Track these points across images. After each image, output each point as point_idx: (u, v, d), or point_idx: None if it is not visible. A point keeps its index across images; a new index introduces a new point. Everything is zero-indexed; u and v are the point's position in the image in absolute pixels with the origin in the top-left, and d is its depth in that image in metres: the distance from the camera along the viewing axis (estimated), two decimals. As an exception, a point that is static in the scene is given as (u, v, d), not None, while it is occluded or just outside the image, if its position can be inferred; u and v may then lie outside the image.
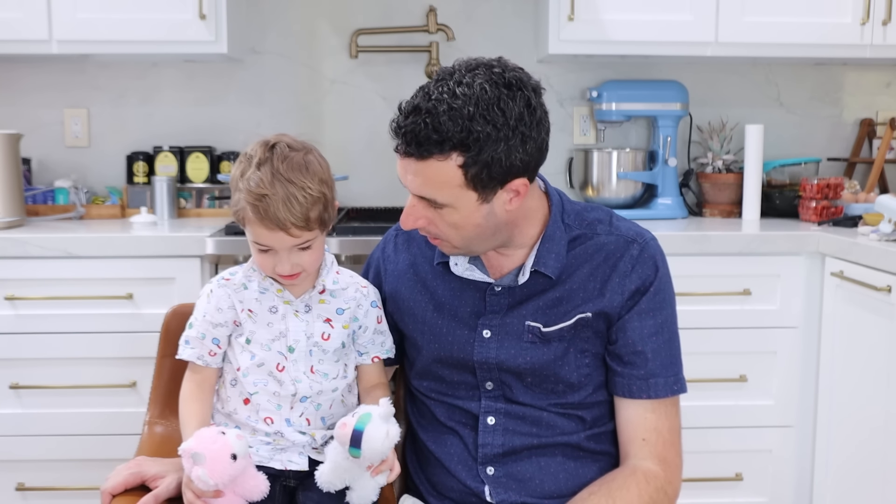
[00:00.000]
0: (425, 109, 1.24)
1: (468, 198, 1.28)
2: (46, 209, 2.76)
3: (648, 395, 1.39)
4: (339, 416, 1.44)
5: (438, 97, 1.24)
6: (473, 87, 1.24)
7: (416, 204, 1.33)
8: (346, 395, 1.46)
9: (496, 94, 1.24)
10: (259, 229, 1.33)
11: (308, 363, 1.41)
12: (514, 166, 1.27)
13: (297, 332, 1.40)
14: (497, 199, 1.31)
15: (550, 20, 2.61)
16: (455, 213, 1.30)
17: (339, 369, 1.44)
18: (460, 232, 1.33)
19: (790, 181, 2.90)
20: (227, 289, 1.41)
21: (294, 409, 1.40)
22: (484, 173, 1.26)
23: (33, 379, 2.33)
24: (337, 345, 1.43)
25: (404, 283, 1.50)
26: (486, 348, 1.41)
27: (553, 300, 1.40)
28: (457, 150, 1.24)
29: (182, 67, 2.90)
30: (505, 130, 1.24)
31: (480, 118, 1.23)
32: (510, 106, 1.24)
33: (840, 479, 2.33)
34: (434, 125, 1.23)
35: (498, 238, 1.38)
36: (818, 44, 2.64)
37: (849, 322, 2.28)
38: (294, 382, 1.39)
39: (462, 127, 1.22)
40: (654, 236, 1.44)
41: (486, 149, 1.24)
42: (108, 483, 1.37)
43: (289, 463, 1.40)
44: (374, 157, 2.92)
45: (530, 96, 1.27)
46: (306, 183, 1.31)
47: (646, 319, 1.39)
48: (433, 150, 1.24)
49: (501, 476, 1.42)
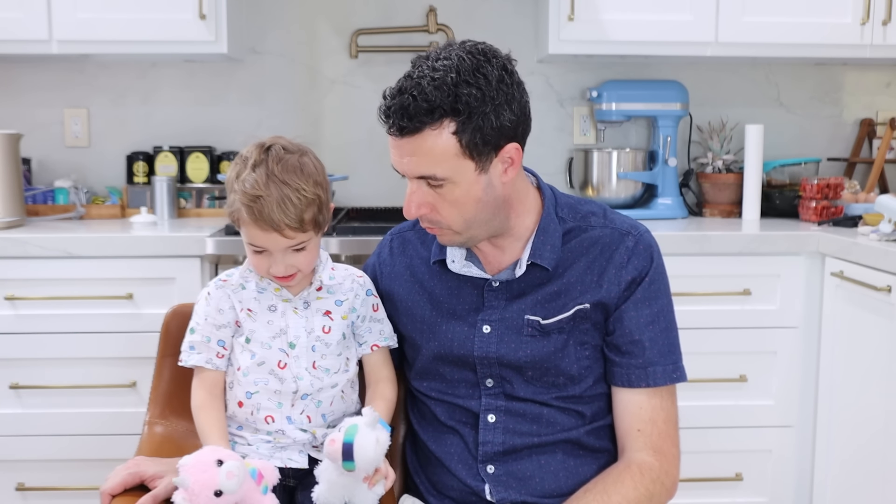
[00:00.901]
0: (409, 87, 1.28)
1: (466, 168, 1.30)
2: (46, 209, 2.76)
3: (647, 384, 1.40)
4: (340, 412, 1.45)
5: (420, 74, 1.28)
6: (451, 58, 1.28)
7: (417, 189, 1.34)
8: (346, 391, 1.46)
9: (474, 62, 1.28)
10: (253, 230, 1.33)
11: (310, 359, 1.41)
12: (505, 128, 1.30)
13: (298, 329, 1.41)
14: (493, 169, 1.33)
15: (550, 20, 2.61)
16: (455, 188, 1.31)
17: (340, 363, 1.44)
18: (462, 211, 1.34)
19: (790, 181, 2.90)
20: (225, 290, 1.42)
21: (295, 407, 1.41)
22: (478, 137, 1.28)
23: (33, 379, 2.34)
24: (338, 336, 1.43)
25: (401, 284, 1.51)
26: (487, 343, 1.42)
27: (551, 293, 1.41)
28: (448, 117, 1.27)
29: (182, 67, 2.90)
30: (489, 91, 1.27)
31: (464, 83, 1.26)
32: (489, 70, 1.28)
33: (840, 479, 2.33)
34: (422, 96, 1.26)
35: (496, 220, 1.38)
36: (818, 44, 2.64)
37: (849, 322, 2.28)
38: (295, 380, 1.39)
39: (449, 92, 1.26)
40: (647, 229, 1.46)
41: (476, 111, 1.27)
42: (107, 483, 1.37)
43: (289, 461, 1.40)
44: (374, 157, 2.92)
45: (504, 62, 1.32)
46: (301, 185, 1.32)
47: (642, 309, 1.40)
48: (425, 121, 1.27)
49: (502, 474, 1.42)
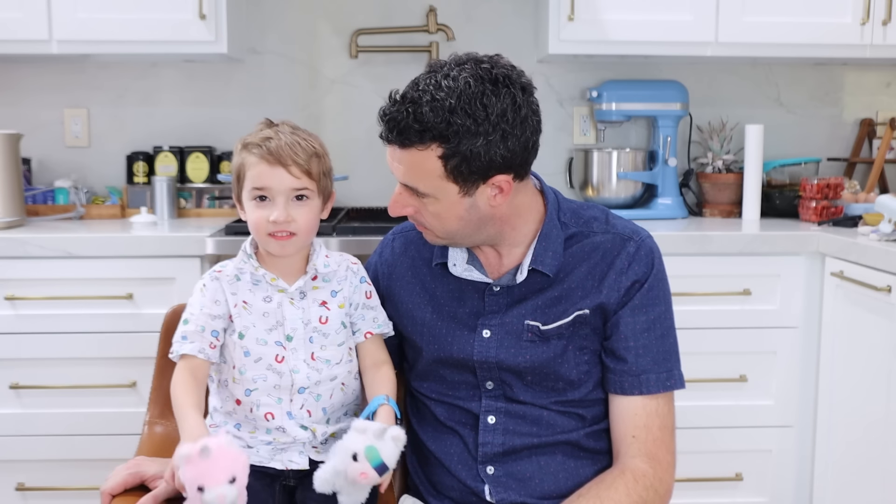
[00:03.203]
0: (410, 99, 1.27)
1: (449, 189, 1.31)
2: (46, 209, 2.76)
3: (640, 391, 1.39)
4: (340, 404, 1.43)
5: (424, 88, 1.27)
6: (458, 80, 1.26)
7: (402, 192, 1.35)
8: (347, 383, 1.44)
9: (480, 90, 1.26)
10: (260, 168, 1.35)
11: (308, 350, 1.40)
12: (495, 162, 1.29)
13: (294, 320, 1.39)
14: (480, 194, 1.32)
15: (550, 20, 2.61)
16: (437, 203, 1.32)
17: (342, 353, 1.42)
18: (443, 223, 1.35)
19: (790, 181, 2.90)
20: (219, 282, 1.41)
21: (294, 402, 1.39)
22: (463, 166, 1.28)
23: (33, 379, 2.34)
24: (337, 325, 1.42)
25: (402, 286, 1.51)
26: (486, 348, 1.42)
27: (552, 299, 1.40)
28: (436, 142, 1.26)
29: (182, 67, 2.90)
30: (485, 125, 1.26)
31: (461, 111, 1.25)
32: (493, 101, 1.26)
33: (840, 478, 2.33)
34: (416, 115, 1.26)
35: (485, 233, 1.38)
36: (818, 44, 2.64)
37: (849, 322, 2.28)
38: (292, 373, 1.38)
39: (442, 119, 1.25)
40: (649, 234, 1.45)
41: (465, 142, 1.26)
42: (108, 483, 1.37)
43: (289, 463, 1.40)
44: (374, 157, 2.92)
45: (516, 94, 1.28)
46: (310, 139, 1.38)
47: (638, 315, 1.40)
48: (414, 140, 1.27)
49: (501, 475, 1.42)
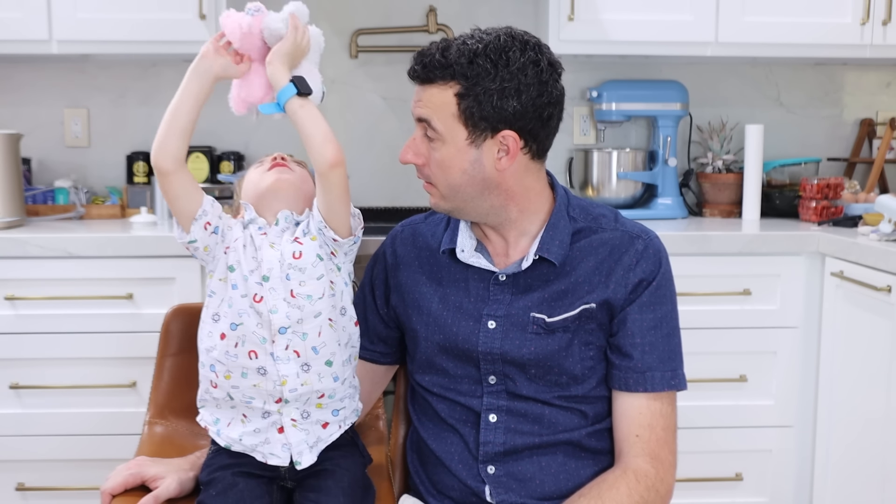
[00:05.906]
0: (444, 42, 1.36)
1: (458, 133, 1.35)
2: (46, 209, 2.76)
3: (645, 389, 1.40)
4: (333, 342, 1.38)
5: (460, 37, 1.37)
6: (492, 34, 1.36)
7: (417, 136, 1.40)
8: (334, 318, 1.39)
9: (509, 43, 1.34)
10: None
11: (287, 288, 1.35)
12: (505, 112, 1.34)
13: (271, 262, 1.36)
14: (486, 148, 1.36)
15: (550, 20, 2.61)
16: (444, 147, 1.36)
17: (323, 287, 1.37)
18: (447, 175, 1.38)
19: (790, 181, 2.90)
20: (229, 220, 1.42)
21: (277, 343, 1.35)
22: (475, 109, 1.33)
23: (33, 379, 2.33)
24: (313, 258, 1.38)
25: (409, 274, 1.51)
26: (492, 339, 1.42)
27: (558, 292, 1.41)
28: (456, 79, 1.33)
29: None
30: (503, 73, 1.33)
31: (485, 56, 1.33)
32: (517, 56, 1.33)
33: (840, 478, 2.33)
34: (443, 52, 1.34)
35: (488, 201, 1.40)
36: (818, 44, 2.64)
37: (849, 322, 2.28)
38: (270, 313, 1.34)
39: (467, 59, 1.33)
40: (657, 235, 1.46)
41: (481, 83, 1.32)
42: (108, 483, 1.37)
43: (270, 456, 1.36)
44: (374, 157, 2.92)
45: (541, 59, 1.35)
46: None
47: (646, 313, 1.40)
48: (437, 75, 1.34)
49: (502, 475, 1.42)
